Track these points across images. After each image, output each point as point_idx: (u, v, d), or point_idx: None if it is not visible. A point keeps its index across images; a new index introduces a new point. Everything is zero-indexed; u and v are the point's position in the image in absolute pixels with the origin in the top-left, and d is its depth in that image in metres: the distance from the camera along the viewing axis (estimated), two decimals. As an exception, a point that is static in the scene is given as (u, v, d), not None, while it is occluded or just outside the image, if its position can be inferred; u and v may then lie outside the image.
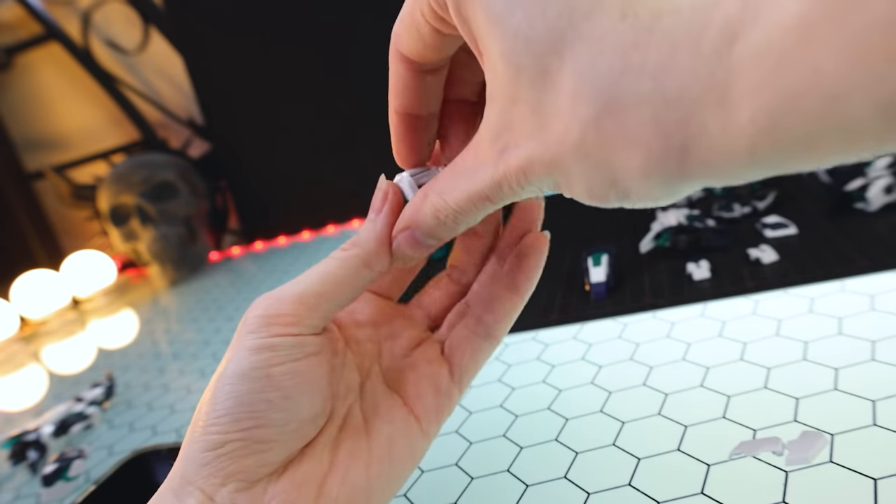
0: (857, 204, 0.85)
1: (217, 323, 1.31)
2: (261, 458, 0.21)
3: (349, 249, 0.23)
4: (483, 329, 0.26)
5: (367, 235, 0.23)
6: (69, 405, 1.00)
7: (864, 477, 0.44)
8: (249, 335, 0.21)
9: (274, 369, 0.21)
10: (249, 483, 0.20)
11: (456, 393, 0.26)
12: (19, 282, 1.84)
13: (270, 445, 0.21)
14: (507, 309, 0.26)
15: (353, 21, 1.71)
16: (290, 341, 0.21)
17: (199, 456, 0.20)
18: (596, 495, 0.50)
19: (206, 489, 0.20)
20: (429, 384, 0.25)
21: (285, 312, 0.21)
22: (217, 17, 1.83)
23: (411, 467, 0.24)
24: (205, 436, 0.20)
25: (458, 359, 0.26)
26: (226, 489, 0.20)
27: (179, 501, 0.20)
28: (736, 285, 0.76)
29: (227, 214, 2.06)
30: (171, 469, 0.21)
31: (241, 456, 0.20)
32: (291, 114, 1.86)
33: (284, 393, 0.21)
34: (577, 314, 0.82)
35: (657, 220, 0.95)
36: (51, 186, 2.20)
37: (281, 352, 0.21)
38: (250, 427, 0.20)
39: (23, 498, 0.80)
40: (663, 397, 0.60)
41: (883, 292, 0.65)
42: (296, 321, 0.21)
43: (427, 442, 0.25)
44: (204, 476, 0.20)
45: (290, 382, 0.21)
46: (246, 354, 0.21)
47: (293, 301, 0.22)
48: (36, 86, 2.26)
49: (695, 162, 0.14)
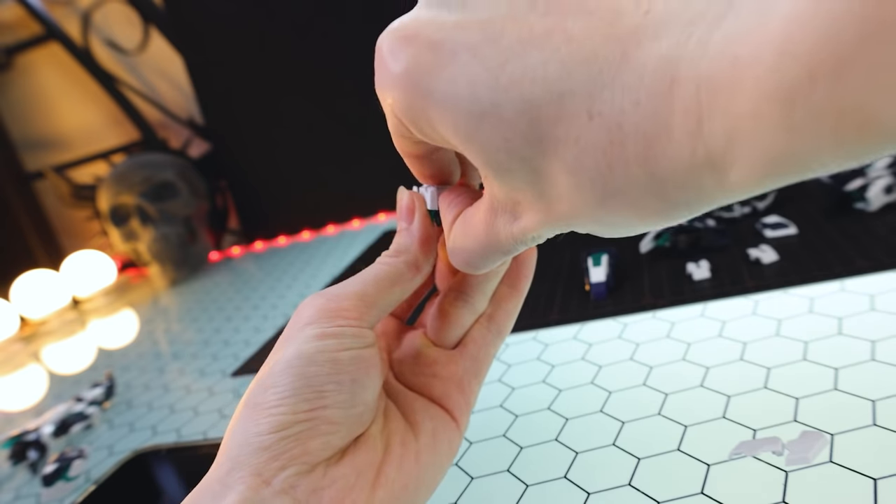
0: (857, 204, 0.85)
1: (217, 323, 1.31)
2: (326, 440, 0.21)
3: (397, 256, 0.24)
4: (495, 326, 0.27)
5: (407, 242, 0.24)
6: (69, 405, 1.00)
7: (864, 477, 0.44)
8: (310, 325, 0.22)
9: (341, 354, 0.21)
10: (310, 467, 0.20)
11: (476, 387, 0.27)
12: (19, 282, 1.84)
13: (338, 427, 0.21)
14: (511, 306, 0.28)
15: (353, 21, 1.71)
16: (352, 331, 0.22)
17: (259, 440, 0.20)
18: (596, 495, 0.50)
19: (262, 473, 0.19)
20: (453, 386, 0.26)
21: (347, 307, 0.22)
22: (217, 17, 1.83)
23: (450, 460, 0.25)
24: (268, 418, 0.20)
25: (475, 354, 0.27)
26: (286, 472, 0.20)
27: (227, 488, 0.19)
28: (736, 285, 0.76)
29: (227, 214, 2.06)
30: (215, 460, 0.21)
31: (308, 437, 0.20)
32: (291, 114, 1.86)
33: (352, 376, 0.21)
34: (577, 314, 0.82)
35: (657, 220, 0.95)
36: (51, 186, 2.20)
37: (345, 340, 0.22)
38: (319, 407, 0.20)
39: (23, 498, 0.80)
40: (663, 397, 0.60)
41: (883, 292, 0.65)
42: (357, 315, 0.22)
43: (461, 436, 0.26)
44: (264, 460, 0.20)
45: (355, 367, 0.22)
46: (309, 340, 0.21)
47: (353, 298, 0.23)
48: (36, 86, 2.26)
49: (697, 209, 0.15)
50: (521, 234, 0.19)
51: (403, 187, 0.25)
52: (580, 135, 0.15)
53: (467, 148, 0.17)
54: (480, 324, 0.27)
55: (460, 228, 0.22)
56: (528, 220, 0.18)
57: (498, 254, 0.20)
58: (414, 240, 0.24)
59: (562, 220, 0.17)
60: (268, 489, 0.19)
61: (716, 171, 0.13)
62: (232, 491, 0.19)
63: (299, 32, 1.78)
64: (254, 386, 0.21)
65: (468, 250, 0.21)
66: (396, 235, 0.25)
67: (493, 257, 0.21)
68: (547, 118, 0.15)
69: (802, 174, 0.12)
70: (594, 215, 0.16)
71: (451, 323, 0.26)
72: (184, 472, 0.63)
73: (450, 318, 0.26)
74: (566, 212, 0.17)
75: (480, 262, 0.21)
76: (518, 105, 0.15)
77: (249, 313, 1.32)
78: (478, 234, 0.20)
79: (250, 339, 1.16)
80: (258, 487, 0.19)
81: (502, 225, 0.19)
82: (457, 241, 0.22)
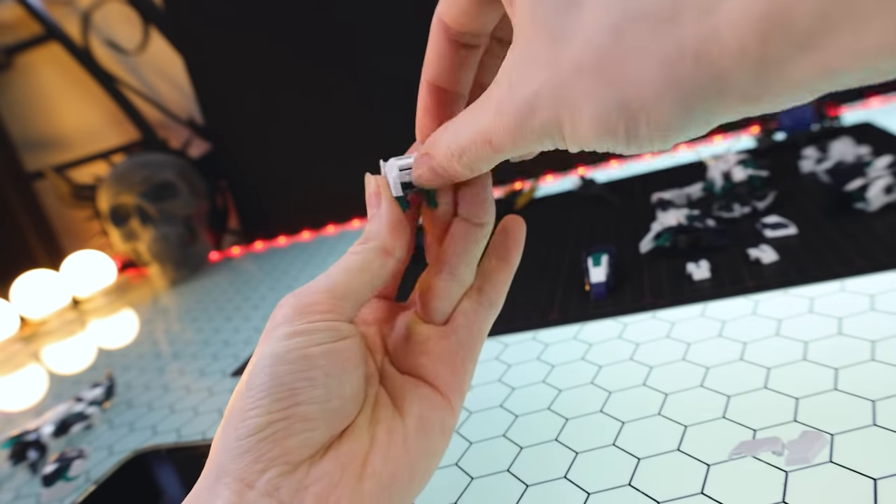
0: (857, 204, 0.85)
1: (217, 323, 1.31)
2: (304, 437, 0.20)
3: (366, 243, 0.24)
4: (486, 299, 0.27)
5: (377, 227, 0.24)
6: (69, 405, 1.00)
7: (864, 477, 0.44)
8: (281, 326, 0.21)
9: (312, 349, 0.21)
10: (292, 466, 0.20)
11: (470, 365, 0.26)
12: (19, 282, 1.84)
13: (315, 424, 0.20)
14: (502, 278, 0.27)
15: (353, 21, 1.71)
16: (324, 325, 0.22)
17: (238, 444, 0.20)
18: (596, 495, 0.50)
19: (245, 478, 0.19)
20: (444, 363, 0.26)
21: (317, 302, 0.22)
22: (217, 17, 1.83)
23: (445, 442, 0.25)
24: (244, 421, 0.20)
25: (466, 327, 0.26)
26: (267, 475, 0.20)
27: (214, 495, 0.19)
28: (736, 285, 0.76)
29: (227, 214, 2.06)
30: (203, 469, 0.21)
31: (284, 437, 0.20)
32: (291, 114, 1.86)
33: (325, 370, 0.21)
34: (577, 314, 0.82)
35: (657, 220, 0.95)
36: (51, 186, 2.20)
37: (317, 335, 0.21)
38: (292, 405, 0.20)
39: (23, 498, 0.80)
40: (663, 397, 0.60)
41: (883, 292, 0.65)
42: (328, 308, 0.22)
43: (455, 416, 0.25)
44: (244, 464, 0.20)
45: (329, 360, 0.21)
46: (280, 339, 0.21)
47: (323, 292, 0.22)
48: (36, 86, 2.26)
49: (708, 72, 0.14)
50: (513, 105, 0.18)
51: (368, 174, 0.25)
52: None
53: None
54: (469, 297, 0.27)
55: (463, 115, 0.21)
56: (528, 85, 0.18)
57: (485, 143, 0.20)
58: (382, 224, 0.24)
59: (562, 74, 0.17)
60: (252, 492, 0.19)
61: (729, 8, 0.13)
62: (218, 498, 0.19)
63: (300, 33, 1.78)
64: (234, 392, 0.21)
65: (461, 135, 0.21)
66: (367, 223, 0.24)
67: (482, 147, 0.20)
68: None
69: None
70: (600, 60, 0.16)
71: (436, 296, 0.26)
72: (184, 472, 0.63)
73: (435, 291, 0.26)
74: (574, 54, 0.16)
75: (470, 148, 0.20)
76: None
77: (249, 313, 1.32)
78: (476, 108, 0.20)
79: (250, 339, 1.16)
80: (243, 492, 0.19)
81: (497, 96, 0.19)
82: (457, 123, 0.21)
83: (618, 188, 1.29)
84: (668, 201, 1.08)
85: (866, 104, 1.43)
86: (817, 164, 1.05)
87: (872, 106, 1.40)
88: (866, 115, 1.31)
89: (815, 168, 1.04)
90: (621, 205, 1.19)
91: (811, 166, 1.05)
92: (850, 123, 1.24)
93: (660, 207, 1.06)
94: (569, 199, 1.33)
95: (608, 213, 1.17)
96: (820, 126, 1.20)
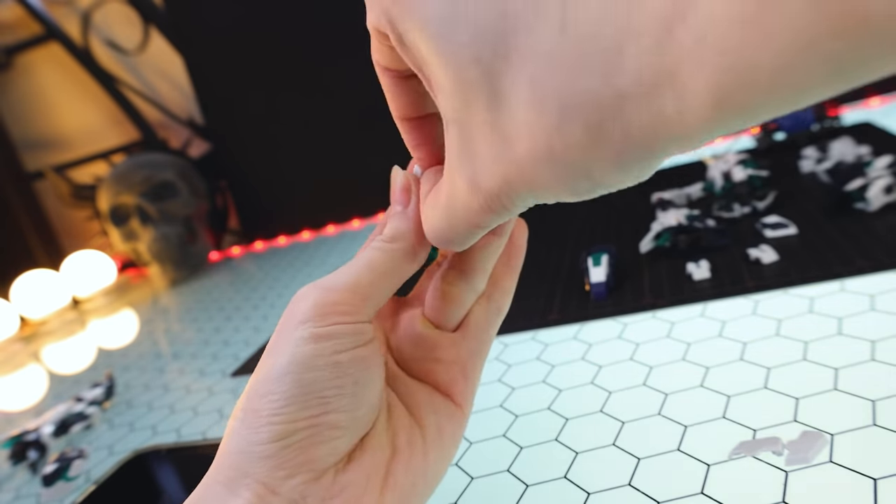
0: (857, 204, 0.85)
1: (217, 323, 1.31)
2: (331, 446, 0.20)
3: (392, 242, 0.23)
4: (495, 305, 0.27)
5: (405, 228, 0.23)
6: (69, 405, 1.00)
7: (864, 477, 0.44)
8: (303, 325, 0.21)
9: (340, 356, 0.20)
10: (317, 474, 0.20)
11: (479, 371, 0.26)
12: (19, 282, 1.84)
13: (342, 432, 0.20)
14: (508, 284, 0.27)
15: (352, 22, 1.71)
16: (349, 329, 0.21)
17: (260, 449, 0.19)
18: (596, 495, 0.50)
19: (269, 482, 0.19)
20: (458, 372, 0.26)
21: (340, 301, 0.21)
22: (217, 17, 1.83)
23: (456, 449, 0.25)
24: (268, 426, 0.20)
25: (477, 335, 0.26)
26: (293, 481, 0.19)
27: (232, 493, 0.19)
28: (736, 285, 0.76)
29: (227, 214, 2.06)
30: (214, 462, 0.20)
31: (311, 445, 0.20)
32: (291, 114, 1.86)
33: (354, 378, 0.21)
34: (577, 314, 0.82)
35: (657, 220, 0.95)
36: (51, 186, 2.20)
37: (343, 340, 0.21)
38: (322, 413, 0.20)
39: (23, 498, 0.80)
40: (663, 397, 0.60)
41: (883, 292, 0.65)
42: (352, 310, 0.21)
43: (465, 423, 0.25)
44: (267, 469, 0.19)
45: (357, 368, 0.21)
46: (304, 342, 0.20)
47: (346, 290, 0.22)
48: (36, 86, 2.26)
49: (661, 142, 0.14)
50: (488, 199, 0.18)
51: (398, 167, 0.24)
52: (550, 45, 0.15)
53: (432, 51, 0.17)
54: (480, 304, 0.26)
55: (431, 200, 0.21)
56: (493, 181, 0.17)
57: (473, 229, 0.20)
58: (410, 225, 0.23)
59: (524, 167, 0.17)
60: (276, 498, 0.19)
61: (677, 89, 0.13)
62: (238, 497, 0.19)
63: (300, 33, 1.78)
64: (250, 390, 0.21)
65: (440, 225, 0.20)
66: (390, 218, 0.23)
67: (471, 232, 0.20)
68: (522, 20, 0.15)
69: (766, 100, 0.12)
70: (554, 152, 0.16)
71: (452, 303, 0.25)
72: (184, 472, 0.63)
73: (451, 299, 0.25)
74: (526, 149, 0.16)
75: (453, 236, 0.20)
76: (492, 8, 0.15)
77: (249, 313, 1.32)
78: (446, 207, 0.20)
79: (250, 339, 1.16)
80: (265, 496, 0.19)
81: (465, 193, 0.18)
82: (429, 215, 0.21)
83: (618, 188, 1.29)
84: (668, 201, 1.08)
85: (866, 104, 1.43)
86: (817, 164, 1.05)
87: (872, 106, 1.40)
88: (866, 115, 1.31)
89: (815, 168, 1.04)
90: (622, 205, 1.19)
91: (811, 166, 1.05)
92: (850, 123, 1.24)
93: (660, 207, 1.06)
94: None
95: (608, 213, 1.17)
96: (820, 126, 1.20)
